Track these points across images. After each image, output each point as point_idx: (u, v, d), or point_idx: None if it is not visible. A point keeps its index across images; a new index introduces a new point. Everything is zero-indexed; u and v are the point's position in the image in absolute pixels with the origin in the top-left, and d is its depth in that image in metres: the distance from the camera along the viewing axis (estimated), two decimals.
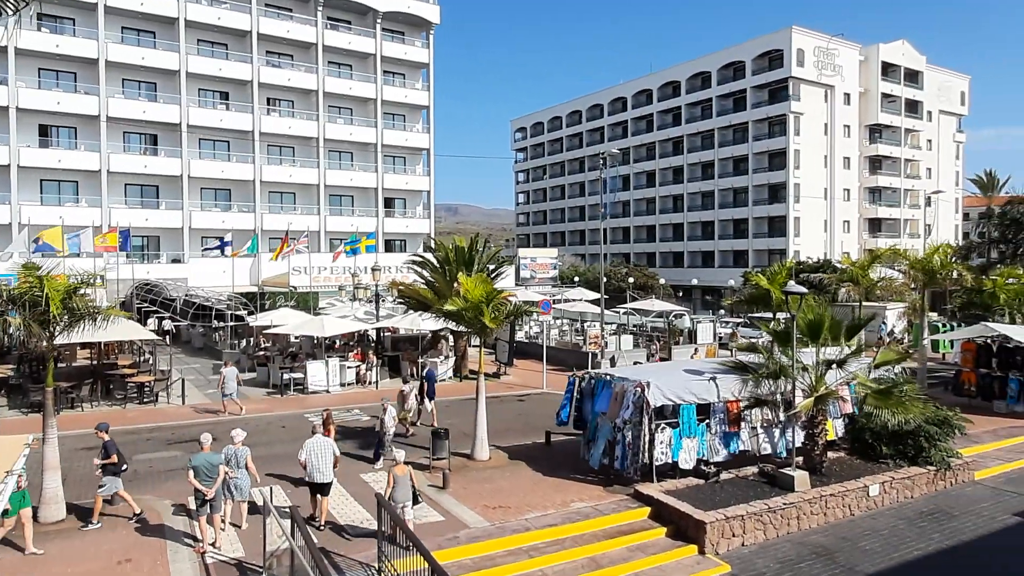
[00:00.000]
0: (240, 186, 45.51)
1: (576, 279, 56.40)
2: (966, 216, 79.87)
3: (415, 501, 11.20)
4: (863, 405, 14.66)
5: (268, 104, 46.71)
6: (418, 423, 18.76)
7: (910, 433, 14.36)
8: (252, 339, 30.45)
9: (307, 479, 11.81)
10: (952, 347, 30.12)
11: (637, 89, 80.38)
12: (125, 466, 12.38)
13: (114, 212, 40.23)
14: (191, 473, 10.77)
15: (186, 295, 32.47)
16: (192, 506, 11.52)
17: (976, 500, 13.89)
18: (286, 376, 23.81)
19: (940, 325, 32.99)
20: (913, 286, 27.53)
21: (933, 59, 75.13)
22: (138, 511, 11.90)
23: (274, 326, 26.59)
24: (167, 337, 26.97)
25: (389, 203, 51.06)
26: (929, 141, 75.83)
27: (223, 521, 11.37)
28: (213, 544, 10.91)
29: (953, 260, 26.31)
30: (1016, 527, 12.59)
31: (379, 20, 48.99)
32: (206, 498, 10.73)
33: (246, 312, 30.20)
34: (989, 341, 22.59)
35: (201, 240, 43.18)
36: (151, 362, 24.94)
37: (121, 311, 18.42)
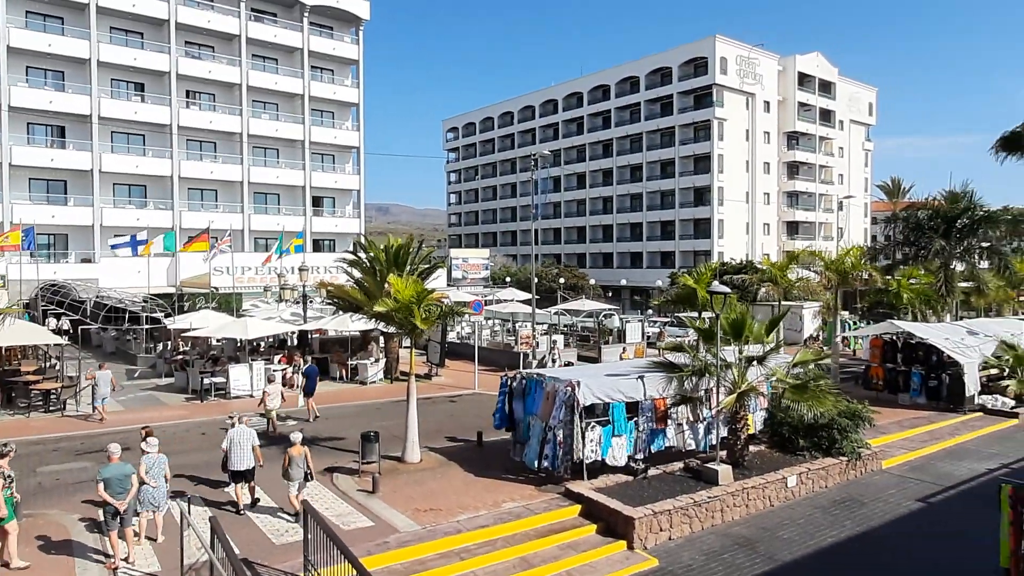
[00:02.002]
0: (156, 182, 43.40)
1: (508, 280, 56.64)
2: (874, 220, 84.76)
3: (307, 478, 12.07)
4: (780, 400, 15.27)
5: (187, 97, 44.71)
6: (311, 420, 19.82)
7: (824, 426, 15.07)
8: (170, 342, 29.11)
9: (229, 467, 12.27)
10: (862, 343, 31.87)
11: (568, 92, 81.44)
12: None
13: (17, 208, 37.61)
14: (101, 486, 10.16)
15: (97, 296, 30.72)
16: (102, 519, 10.88)
17: (884, 488, 14.70)
18: (206, 381, 22.86)
19: (851, 323, 34.86)
20: (827, 286, 28.95)
21: (844, 71, 79.49)
22: None
23: (193, 329, 25.49)
24: (66, 337, 25.41)
25: (317, 202, 49.82)
26: (841, 148, 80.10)
27: (136, 535, 10.79)
28: (126, 559, 10.32)
29: (863, 261, 27.80)
30: (919, 512, 13.40)
31: (306, 14, 47.74)
32: (119, 511, 10.17)
33: (163, 314, 28.84)
34: (895, 337, 24.01)
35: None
36: (57, 368, 23.44)
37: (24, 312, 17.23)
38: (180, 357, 26.60)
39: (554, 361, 28.30)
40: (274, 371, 23.97)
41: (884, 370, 23.93)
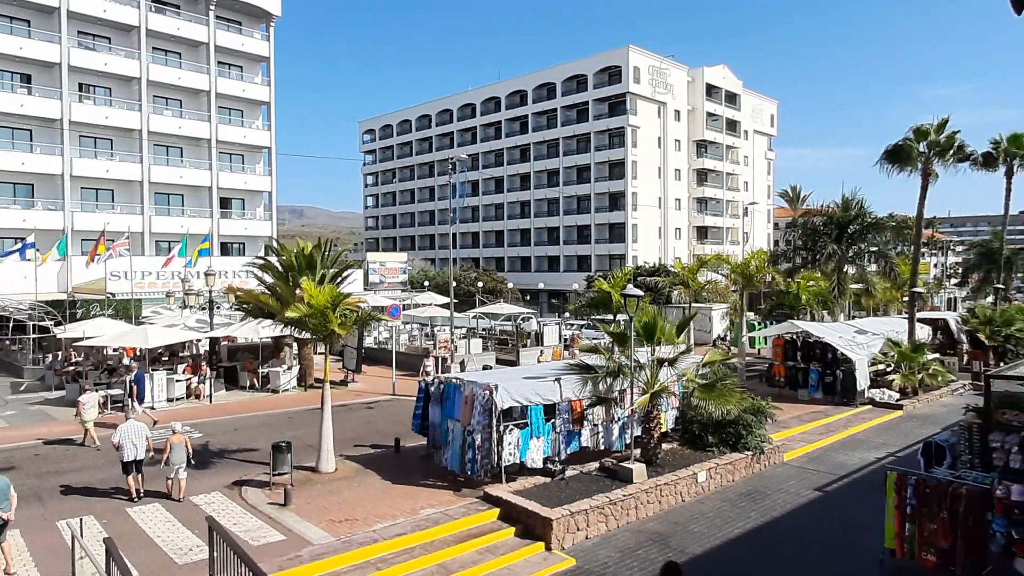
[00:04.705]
0: (45, 180, 40.29)
1: (426, 284, 56.14)
2: (776, 225, 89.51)
3: (188, 463, 13.40)
4: (691, 398, 15.84)
5: (80, 90, 41.84)
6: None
7: (731, 422, 15.75)
8: (60, 353, 27.14)
9: (122, 459, 13.10)
10: (766, 343, 33.55)
11: (486, 96, 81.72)
12: None
13: None
14: None
15: None
16: None
17: (785, 479, 15.51)
18: (102, 393, 21.41)
19: (756, 323, 36.62)
20: (734, 288, 30.32)
21: (747, 83, 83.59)
22: None
23: (87, 337, 23.87)
24: None
25: (226, 203, 47.68)
26: (746, 157, 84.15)
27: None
28: (6, 570, 9.72)
29: (766, 265, 29.29)
30: (816, 500, 14.22)
31: (212, 7, 45.69)
32: (5, 523, 9.80)
33: (52, 322, 26.86)
34: (795, 337, 25.41)
35: None
36: None
37: None
38: (72, 368, 24.87)
39: (463, 366, 26.88)
40: (177, 380, 22.98)
41: (786, 368, 25.29)
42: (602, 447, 15.41)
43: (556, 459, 14.28)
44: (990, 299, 40.10)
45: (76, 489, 14.03)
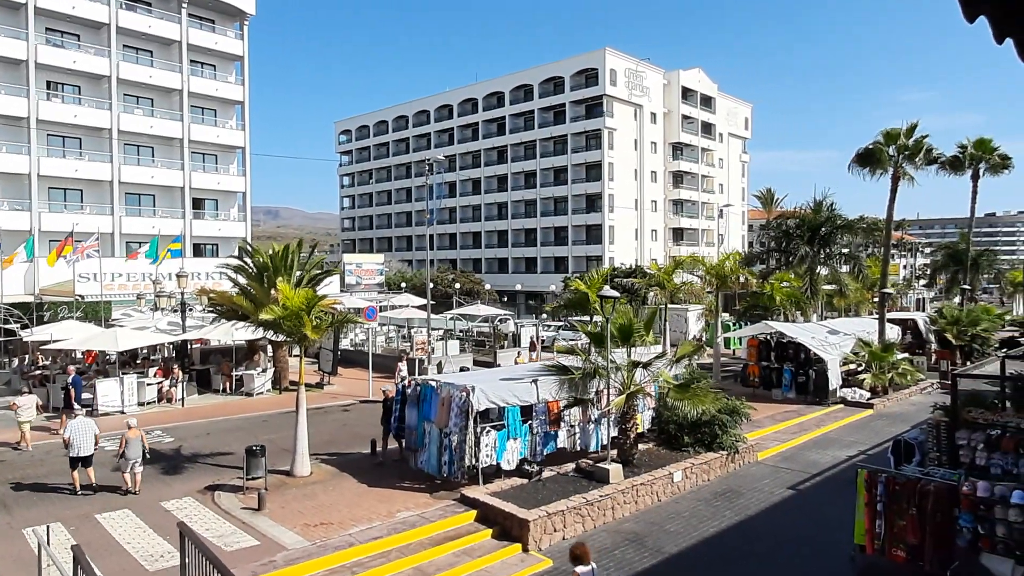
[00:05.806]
0: (11, 180, 39.35)
1: (403, 285, 55.88)
2: (750, 227, 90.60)
3: (144, 457, 13.75)
4: (666, 399, 15.95)
5: (48, 88, 40.95)
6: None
7: (707, 422, 15.88)
8: (27, 356, 26.53)
9: (70, 454, 13.49)
10: (740, 343, 33.92)
11: (463, 97, 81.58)
12: None
13: None
14: None
15: None
16: None
17: (759, 478, 15.69)
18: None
19: (731, 324, 37.02)
20: (709, 290, 30.61)
21: (722, 87, 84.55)
22: None
23: (55, 341, 23.35)
24: None
25: (198, 204, 46.97)
26: (720, 160, 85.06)
27: None
28: None
29: (741, 266, 29.62)
30: (789, 498, 14.40)
31: (185, 4, 45.03)
32: None
33: (19, 325, 26.23)
34: (769, 337, 25.74)
35: None
36: None
37: None
38: (39, 372, 24.31)
39: (440, 367, 27.11)
40: (148, 383, 22.58)
41: (760, 368, 25.60)
42: (579, 448, 15.44)
43: (533, 460, 14.29)
44: (957, 299, 41.02)
45: (43, 495, 13.74)
